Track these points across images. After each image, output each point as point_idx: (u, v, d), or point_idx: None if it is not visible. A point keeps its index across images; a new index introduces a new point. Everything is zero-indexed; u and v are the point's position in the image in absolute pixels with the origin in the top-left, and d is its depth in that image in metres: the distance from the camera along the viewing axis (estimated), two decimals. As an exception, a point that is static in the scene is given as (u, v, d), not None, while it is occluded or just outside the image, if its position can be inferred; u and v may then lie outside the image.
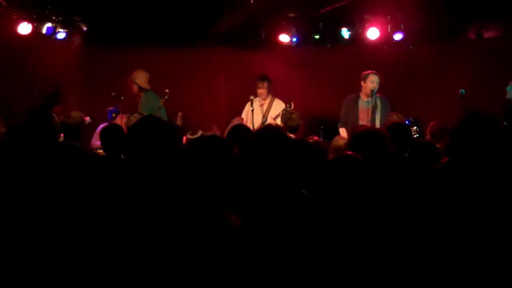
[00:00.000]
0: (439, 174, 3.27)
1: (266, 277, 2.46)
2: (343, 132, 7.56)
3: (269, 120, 7.85)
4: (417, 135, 6.55)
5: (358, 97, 7.65)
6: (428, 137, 5.92)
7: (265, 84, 8.03)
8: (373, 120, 7.34)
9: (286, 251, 2.72)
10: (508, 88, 7.02)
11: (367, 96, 7.49)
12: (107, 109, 7.84)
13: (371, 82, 7.46)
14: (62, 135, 5.91)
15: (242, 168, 2.43)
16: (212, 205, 2.19)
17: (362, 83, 7.57)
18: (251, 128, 6.97)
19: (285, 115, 7.00)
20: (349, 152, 3.21)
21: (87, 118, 7.23)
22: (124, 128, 5.57)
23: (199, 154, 2.33)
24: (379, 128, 5.43)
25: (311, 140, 4.83)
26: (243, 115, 8.26)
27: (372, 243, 2.82)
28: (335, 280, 2.73)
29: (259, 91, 8.02)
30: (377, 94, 7.54)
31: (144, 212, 2.30)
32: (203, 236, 1.87)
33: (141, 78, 8.04)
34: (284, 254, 2.71)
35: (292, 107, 7.37)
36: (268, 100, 8.09)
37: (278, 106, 8.04)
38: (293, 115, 6.72)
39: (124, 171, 2.69)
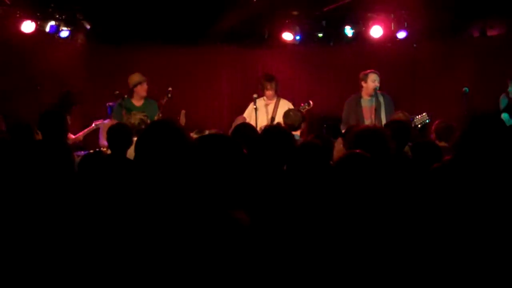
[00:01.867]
0: (442, 172, 3.27)
1: (273, 274, 2.47)
2: None
3: (278, 120, 7.83)
4: (428, 120, 6.51)
5: (360, 97, 7.64)
6: (433, 135, 5.91)
7: (273, 85, 8.00)
8: (378, 117, 7.32)
9: (294, 248, 2.73)
10: (510, 89, 6.99)
11: (369, 95, 7.49)
12: (107, 104, 7.84)
13: (373, 81, 7.46)
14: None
15: (249, 166, 2.43)
16: (220, 202, 2.20)
17: (363, 83, 7.55)
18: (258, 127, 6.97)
19: (284, 113, 7.02)
20: (357, 150, 3.21)
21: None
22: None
23: (208, 152, 2.34)
24: (379, 127, 5.43)
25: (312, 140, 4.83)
26: (246, 115, 8.23)
27: (379, 240, 2.83)
28: (342, 277, 2.74)
29: (268, 92, 7.97)
30: (379, 91, 7.54)
31: (152, 209, 2.30)
32: (211, 234, 1.88)
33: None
34: (291, 251, 2.71)
35: (311, 105, 7.37)
36: (274, 100, 8.05)
37: (285, 106, 8.02)
38: (290, 113, 6.73)
39: (131, 169, 2.70)
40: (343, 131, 7.62)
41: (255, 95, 7.93)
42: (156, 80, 8.90)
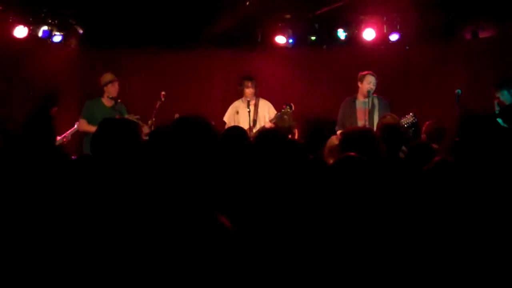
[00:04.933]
0: (434, 173, 3.27)
1: (260, 279, 2.46)
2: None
3: (261, 121, 7.83)
4: (415, 119, 6.54)
5: (355, 98, 7.67)
6: (423, 136, 5.92)
7: (253, 84, 8.01)
8: (371, 120, 7.34)
9: (283, 253, 2.72)
10: (505, 92, 6.98)
11: (364, 96, 7.50)
12: None
13: (368, 83, 7.48)
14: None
15: (235, 168, 2.44)
16: (203, 205, 2.20)
17: (359, 84, 7.58)
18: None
19: (277, 116, 7.01)
20: (352, 153, 3.22)
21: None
22: None
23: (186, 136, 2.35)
24: (369, 128, 5.45)
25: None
26: (226, 119, 8.20)
27: (372, 243, 2.83)
28: (333, 281, 2.73)
29: (248, 90, 7.97)
30: (374, 94, 7.55)
31: (137, 213, 2.30)
32: (196, 236, 1.88)
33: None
34: (280, 256, 2.71)
35: (293, 108, 7.38)
36: (253, 102, 8.05)
37: (265, 106, 8.03)
38: (285, 117, 6.72)
39: (114, 173, 2.70)
40: (338, 132, 7.65)
41: (248, 98, 7.94)
42: (149, 84, 8.92)
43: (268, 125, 7.23)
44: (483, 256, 2.88)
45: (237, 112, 8.03)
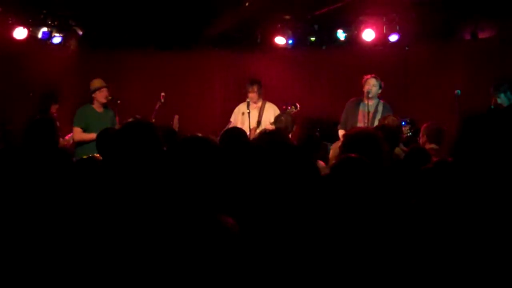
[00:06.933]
0: (434, 173, 3.27)
1: (264, 280, 2.46)
2: (342, 134, 7.58)
3: (264, 124, 7.85)
4: (410, 133, 6.56)
5: (360, 100, 7.66)
6: (423, 137, 5.93)
7: (255, 88, 8.04)
8: (372, 124, 7.34)
9: (285, 254, 2.72)
10: (502, 95, 6.99)
11: (367, 99, 7.52)
12: None
13: (368, 85, 7.49)
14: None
15: (234, 169, 2.44)
16: (207, 207, 2.20)
17: (363, 88, 7.61)
18: (247, 131, 6.98)
19: (275, 118, 7.00)
20: (353, 155, 3.21)
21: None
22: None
23: (188, 155, 2.35)
24: (372, 129, 5.44)
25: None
26: (232, 119, 8.24)
27: (371, 243, 2.83)
28: (335, 281, 2.73)
29: (250, 95, 8.03)
30: (382, 101, 7.55)
31: (140, 215, 2.31)
32: (200, 238, 1.88)
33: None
34: (283, 256, 2.71)
35: (298, 108, 7.39)
36: (259, 104, 8.08)
37: (271, 110, 8.05)
38: (282, 118, 6.70)
39: (120, 175, 2.70)
40: (339, 131, 7.66)
41: (248, 100, 7.96)
42: (149, 86, 8.93)
43: (269, 127, 7.25)
44: (476, 255, 2.88)
45: (242, 113, 8.08)
